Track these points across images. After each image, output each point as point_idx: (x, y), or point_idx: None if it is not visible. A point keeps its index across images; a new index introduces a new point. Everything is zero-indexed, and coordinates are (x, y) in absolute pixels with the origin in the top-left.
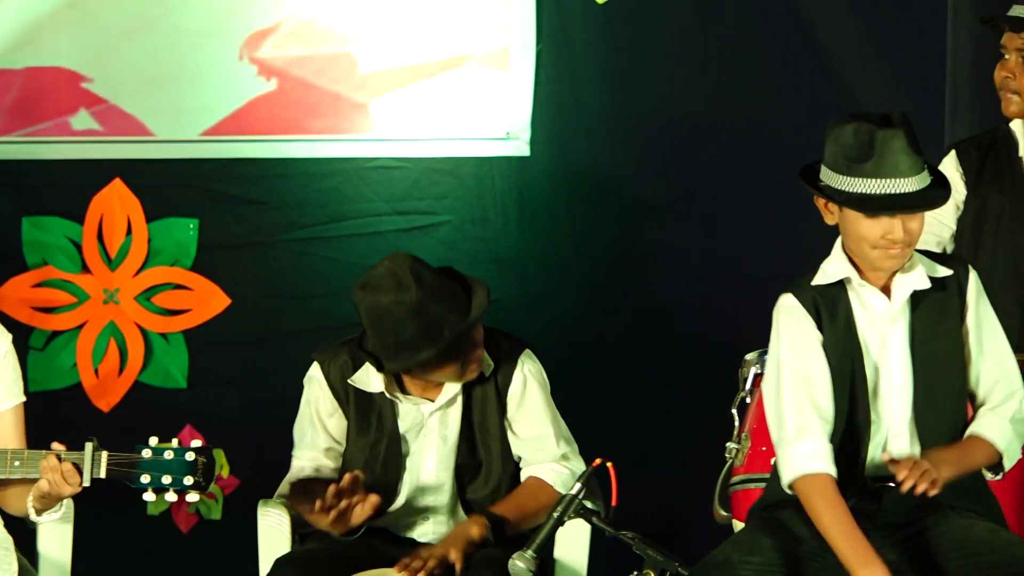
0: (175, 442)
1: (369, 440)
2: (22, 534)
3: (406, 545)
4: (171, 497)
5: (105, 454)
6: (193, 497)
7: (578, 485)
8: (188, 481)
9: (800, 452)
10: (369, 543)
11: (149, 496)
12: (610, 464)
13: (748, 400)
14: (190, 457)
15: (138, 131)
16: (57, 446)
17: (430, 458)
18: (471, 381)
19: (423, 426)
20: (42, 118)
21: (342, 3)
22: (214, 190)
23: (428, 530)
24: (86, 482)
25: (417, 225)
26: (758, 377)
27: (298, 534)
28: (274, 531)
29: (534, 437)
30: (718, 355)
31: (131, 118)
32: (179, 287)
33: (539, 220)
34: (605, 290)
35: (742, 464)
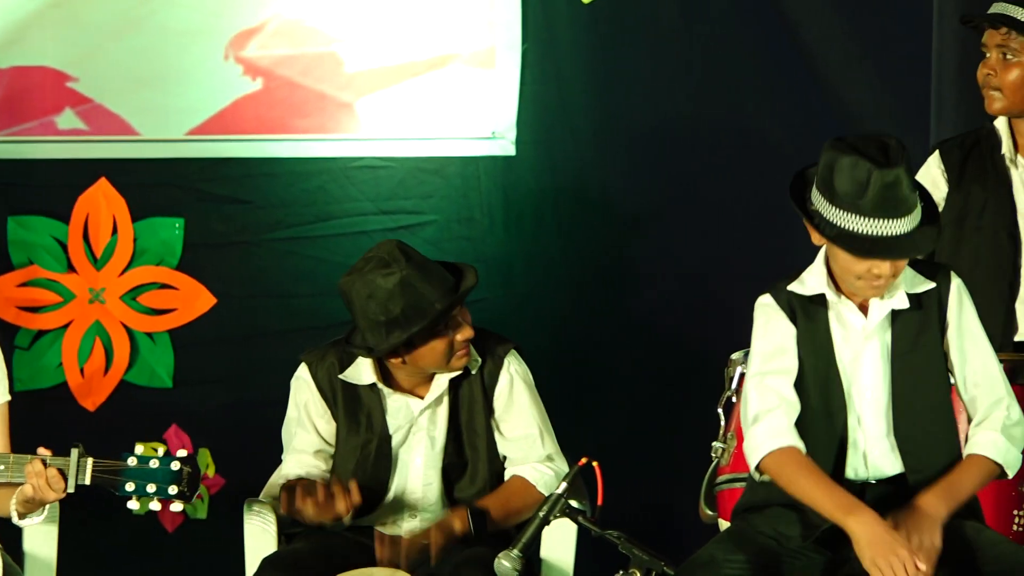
0: (161, 450)
1: (359, 440)
2: (7, 534)
3: (394, 543)
4: (155, 506)
5: (90, 461)
6: (177, 507)
7: (564, 485)
8: (173, 490)
9: (762, 432)
10: (356, 541)
11: (133, 504)
12: (596, 464)
13: (734, 399)
14: (175, 467)
15: (124, 130)
16: (43, 451)
17: (418, 456)
18: (458, 380)
19: (413, 424)
20: (27, 117)
21: (328, 3)
22: (200, 189)
23: (415, 527)
24: (70, 488)
25: (403, 224)
26: (743, 376)
27: (284, 534)
28: (260, 530)
29: (520, 437)
30: (703, 354)
31: (116, 117)
32: (165, 286)
33: (525, 220)
34: (591, 290)
35: (728, 463)
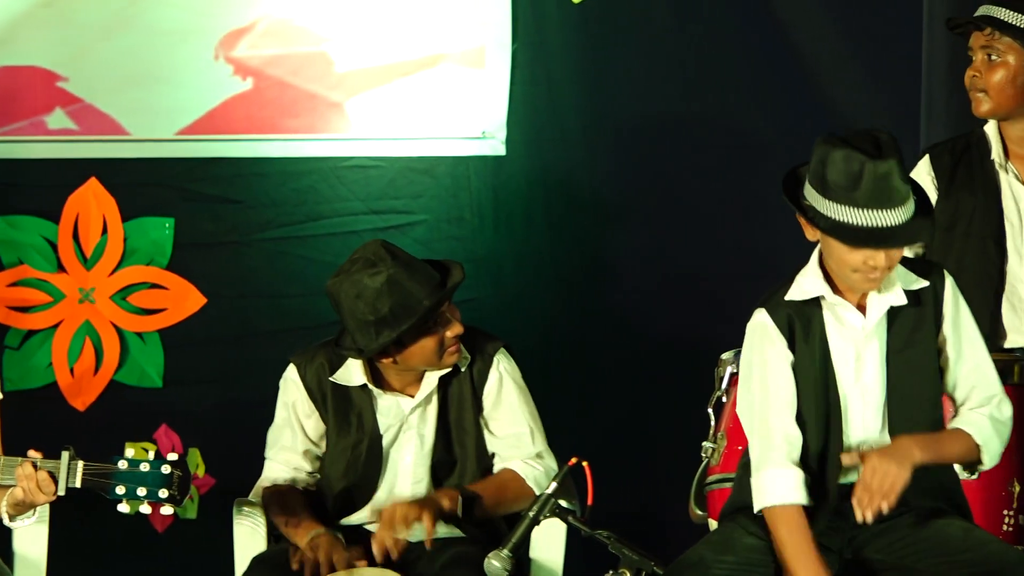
0: (151, 453)
1: (350, 441)
2: None
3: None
4: (145, 509)
5: (81, 464)
6: (167, 510)
7: (554, 484)
8: (163, 494)
9: (768, 482)
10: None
11: (123, 507)
12: (586, 463)
13: (724, 399)
14: (166, 470)
15: (114, 130)
16: (33, 454)
17: (408, 455)
18: (447, 378)
19: (403, 423)
20: (17, 117)
21: (318, 2)
22: (190, 189)
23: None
24: (61, 491)
25: (393, 224)
26: (734, 376)
27: (274, 534)
28: (250, 530)
29: (510, 435)
30: (693, 354)
31: (107, 117)
32: (155, 286)
33: (515, 219)
34: (580, 289)
35: (718, 463)
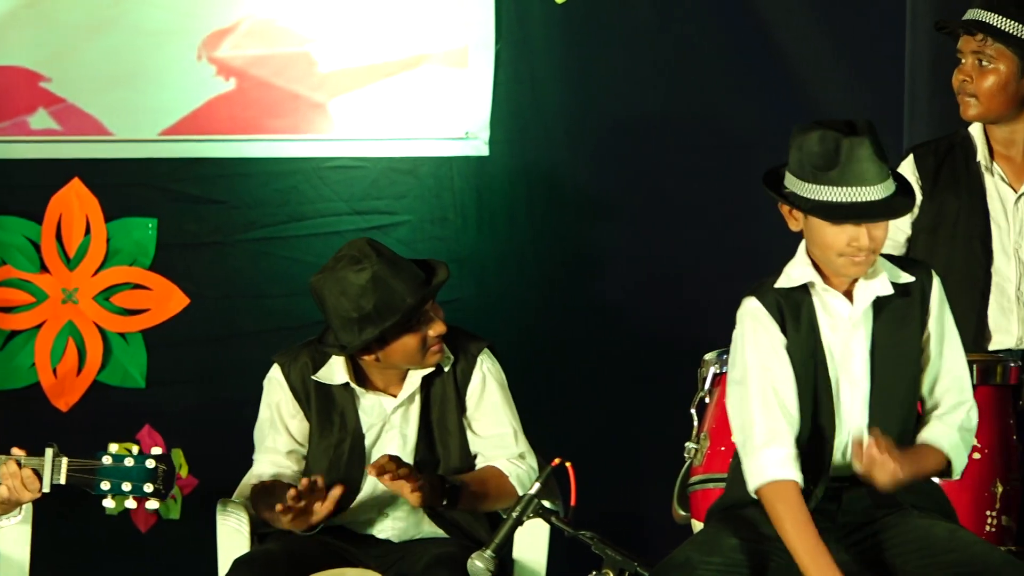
0: (135, 448)
1: (332, 440)
2: None
3: (365, 543)
4: (131, 504)
5: (65, 460)
6: (153, 504)
7: (537, 485)
8: (148, 488)
9: (768, 459)
10: (328, 542)
11: (109, 503)
12: (569, 464)
13: (707, 400)
14: (150, 464)
15: (97, 130)
16: (17, 452)
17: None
18: (430, 378)
19: (386, 423)
20: (0, 118)
21: (301, 3)
22: (173, 190)
23: (387, 527)
24: (46, 488)
25: (376, 225)
26: (717, 377)
27: (257, 534)
28: (233, 531)
29: (493, 435)
30: (676, 354)
31: (89, 117)
32: (138, 287)
33: (498, 220)
34: (563, 289)
35: (701, 464)
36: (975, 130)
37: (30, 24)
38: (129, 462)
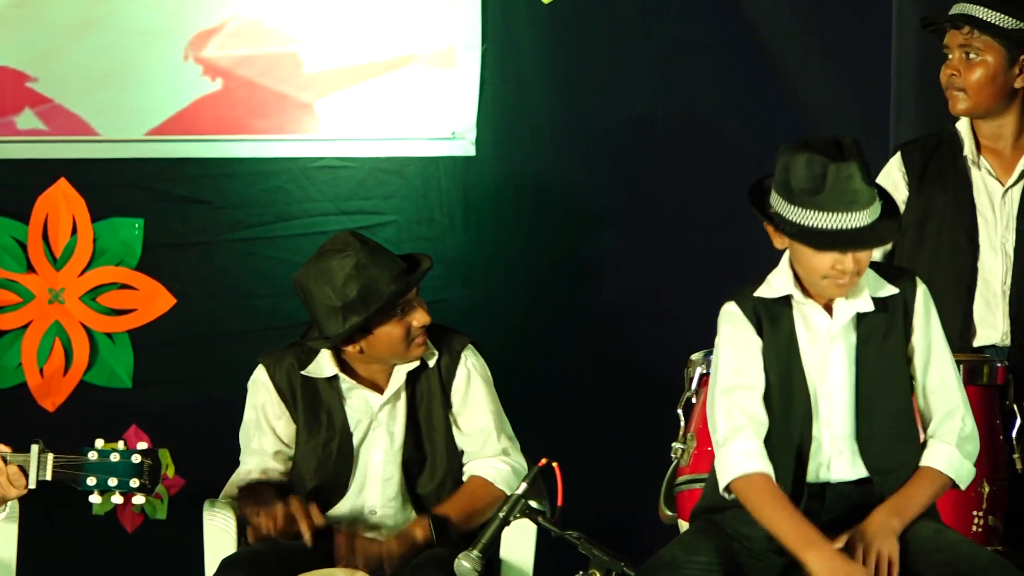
0: (121, 444)
1: (320, 440)
2: None
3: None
4: (117, 499)
5: (51, 456)
6: (139, 499)
7: (524, 485)
8: (134, 483)
9: (733, 454)
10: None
11: (95, 498)
12: (556, 464)
13: (694, 400)
14: (136, 459)
15: (83, 131)
16: (2, 448)
17: (378, 452)
18: (416, 374)
19: (373, 420)
20: None
21: (287, 3)
22: (159, 190)
23: (376, 524)
24: (32, 484)
25: (363, 225)
26: (703, 377)
27: (244, 534)
28: (220, 531)
29: (477, 431)
30: (663, 355)
31: (76, 118)
32: (124, 287)
33: (484, 220)
34: (550, 290)
35: (688, 464)
36: (962, 125)
37: (17, 24)
38: (115, 457)
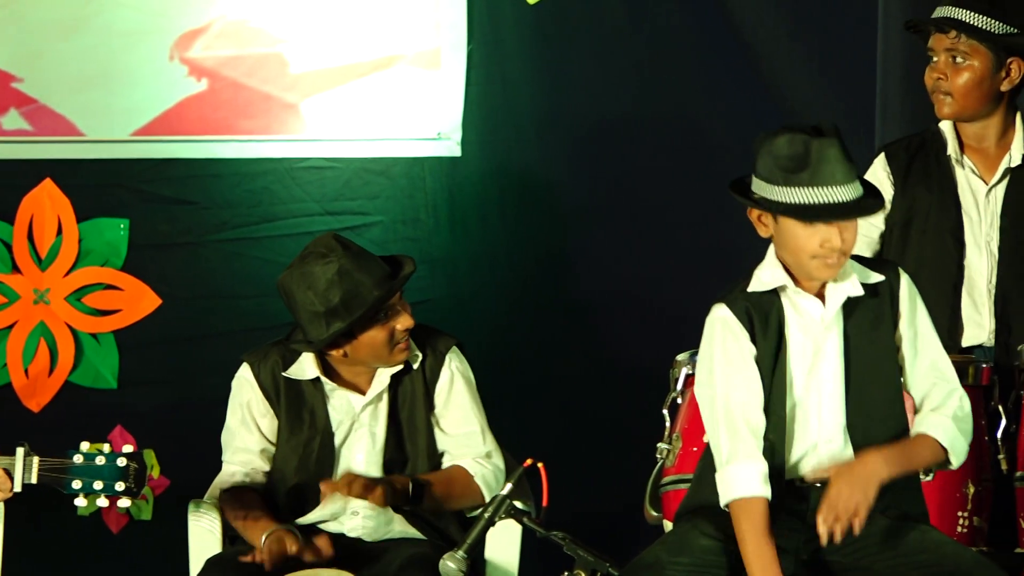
0: (106, 447)
1: (302, 438)
2: None
3: (337, 543)
4: (102, 502)
5: (36, 459)
6: (124, 503)
7: (509, 486)
8: (120, 487)
9: (734, 475)
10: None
11: (80, 501)
12: (541, 465)
13: (679, 401)
14: (122, 463)
15: (68, 131)
16: None
17: (360, 453)
18: (399, 376)
19: (355, 421)
20: None
21: (273, 3)
22: (145, 190)
23: (357, 525)
24: (17, 487)
25: (348, 225)
26: (689, 378)
27: (229, 535)
28: (205, 532)
29: (460, 433)
30: (648, 355)
31: (61, 118)
32: (110, 287)
33: (470, 220)
34: (535, 290)
35: (673, 465)
36: (945, 125)
37: (2, 25)
38: (100, 460)
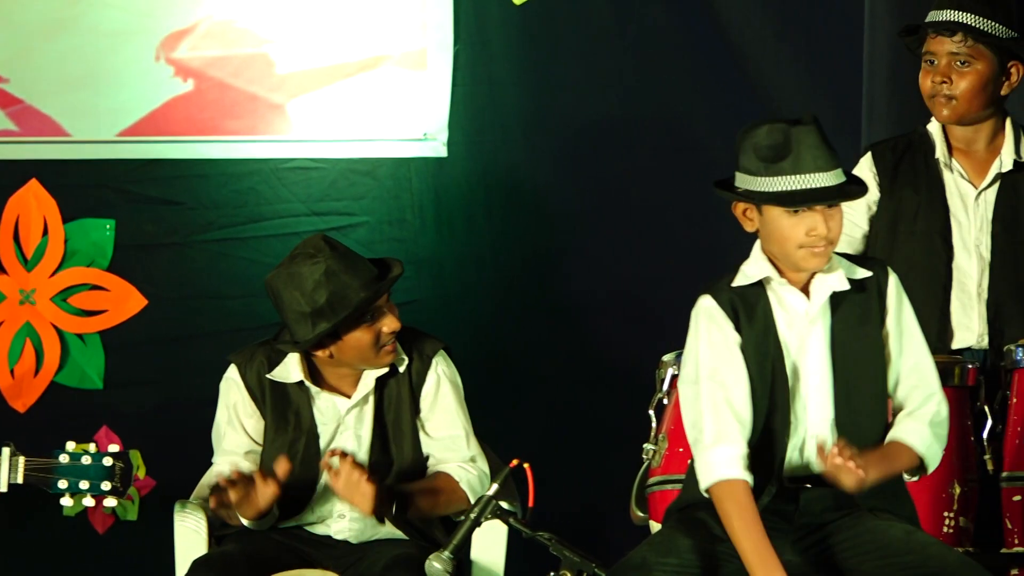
0: (92, 446)
1: (287, 439)
2: None
3: (323, 544)
4: (88, 502)
5: (22, 459)
6: (110, 502)
7: (495, 486)
8: (106, 486)
9: (717, 458)
10: (285, 543)
11: (66, 500)
12: (527, 465)
13: (665, 401)
14: (108, 462)
15: (54, 131)
16: None
17: None
18: (385, 379)
19: (340, 423)
20: None
21: (259, 4)
22: (131, 191)
23: (343, 527)
24: (3, 487)
25: (334, 226)
26: (675, 378)
27: (215, 536)
28: (191, 532)
29: (445, 437)
30: (634, 356)
31: (47, 119)
32: (96, 288)
33: (456, 221)
34: (521, 291)
35: (659, 465)
36: (933, 127)
37: None
38: (86, 460)
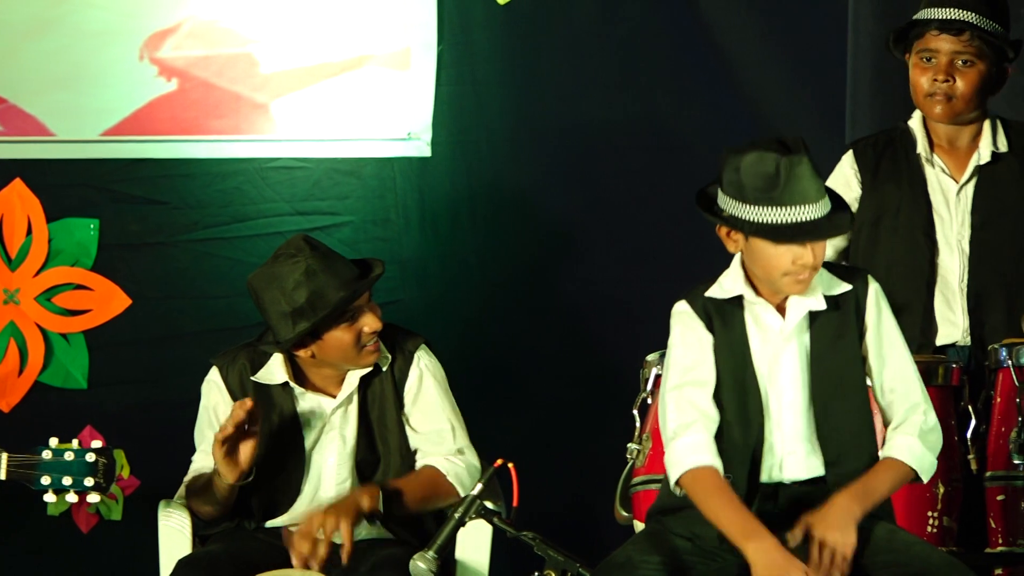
0: (75, 443)
1: (271, 441)
2: None
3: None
4: (72, 498)
5: (5, 456)
6: (94, 498)
7: (479, 486)
8: (89, 482)
9: (681, 448)
10: (271, 542)
11: (50, 498)
12: (511, 464)
13: (649, 401)
14: (91, 458)
15: (38, 131)
16: None
17: (331, 456)
18: (368, 378)
19: (325, 424)
20: None
21: (243, 4)
22: (115, 190)
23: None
24: None
25: (318, 225)
26: (659, 378)
27: (199, 535)
28: (175, 532)
29: (431, 431)
30: (618, 356)
31: (31, 118)
32: (80, 287)
33: (440, 221)
34: (506, 291)
35: (643, 465)
36: (915, 123)
37: None
38: (69, 456)
